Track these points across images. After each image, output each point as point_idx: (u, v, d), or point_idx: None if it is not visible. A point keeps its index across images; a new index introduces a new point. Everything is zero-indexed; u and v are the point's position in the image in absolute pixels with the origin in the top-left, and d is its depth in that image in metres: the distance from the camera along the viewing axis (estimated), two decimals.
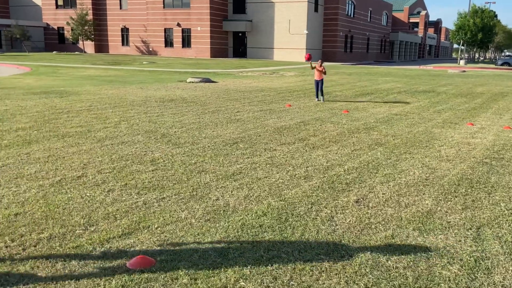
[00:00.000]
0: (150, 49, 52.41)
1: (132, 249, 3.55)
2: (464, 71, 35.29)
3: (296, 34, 47.52)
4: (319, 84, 13.50)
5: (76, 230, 3.88)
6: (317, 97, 13.63)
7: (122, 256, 3.42)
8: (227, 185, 5.21)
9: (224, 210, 4.42)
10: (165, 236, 3.80)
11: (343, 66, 39.01)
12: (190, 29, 49.27)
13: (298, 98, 14.30)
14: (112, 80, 19.06)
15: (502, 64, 49.35)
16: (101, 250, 3.51)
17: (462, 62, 53.57)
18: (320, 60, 13.88)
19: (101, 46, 55.79)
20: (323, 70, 13.50)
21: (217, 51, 49.55)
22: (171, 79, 20.34)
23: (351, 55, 56.24)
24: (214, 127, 8.79)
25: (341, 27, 52.01)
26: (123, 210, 4.36)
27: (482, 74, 31.79)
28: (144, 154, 6.51)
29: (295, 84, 19.75)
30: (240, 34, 50.60)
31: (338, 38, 51.64)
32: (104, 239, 3.71)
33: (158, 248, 3.57)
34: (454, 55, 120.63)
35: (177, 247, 3.59)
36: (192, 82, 19.01)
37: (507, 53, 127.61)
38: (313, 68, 13.65)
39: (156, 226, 3.99)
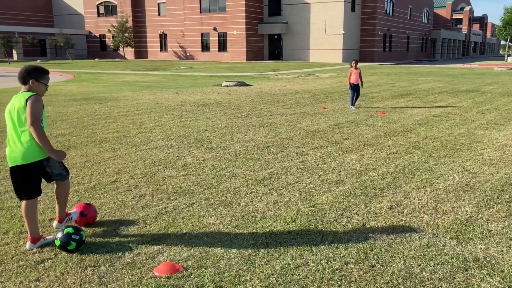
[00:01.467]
0: (188, 54, 53.38)
1: (160, 255, 3.57)
2: (511, 69, 33.68)
3: (332, 35, 47.00)
4: (355, 89, 12.00)
5: (106, 235, 3.96)
6: (352, 103, 12.06)
7: (149, 263, 3.45)
8: (256, 190, 5.18)
9: (252, 216, 4.39)
10: (193, 242, 3.81)
11: (381, 66, 38.19)
12: (226, 33, 49.80)
13: (333, 100, 14.09)
14: (149, 85, 19.51)
15: None
16: (130, 255, 3.56)
17: (510, 59, 51.16)
18: (354, 61, 12.16)
19: (141, 52, 57.37)
20: (359, 73, 11.95)
21: (253, 54, 49.79)
22: (206, 83, 20.59)
23: (390, 55, 54.99)
24: (246, 131, 8.79)
25: (380, 26, 50.97)
26: (153, 215, 4.41)
27: None
28: (177, 159, 6.59)
29: (330, 86, 19.51)
30: (275, 37, 50.64)
31: (376, 38, 50.62)
32: (134, 244, 3.76)
33: (186, 254, 3.58)
34: (501, 52, 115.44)
35: (204, 254, 3.59)
36: (227, 86, 19.16)
37: None
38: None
39: (184, 232, 4.01)
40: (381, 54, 52.25)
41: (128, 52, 56.93)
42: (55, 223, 4.00)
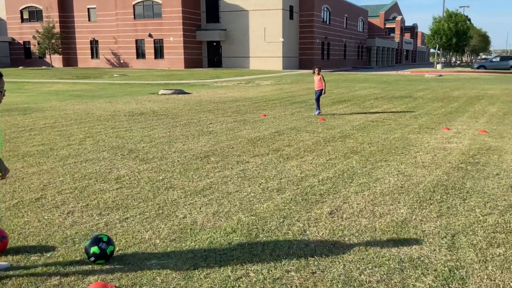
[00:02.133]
0: (121, 61, 51.99)
1: (90, 275, 3.40)
2: (440, 75, 36.12)
3: (271, 42, 47.90)
4: (318, 94, 12.36)
5: (31, 256, 3.71)
6: (318, 108, 12.43)
7: (79, 284, 3.28)
8: (195, 201, 5.11)
9: (191, 229, 4.32)
10: (127, 259, 3.67)
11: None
12: (162, 39, 49.15)
13: (273, 107, 14.31)
14: (79, 94, 18.74)
15: (478, 68, 50.69)
16: (57, 277, 3.36)
17: (438, 66, 54.87)
18: (316, 68, 12.48)
19: (70, 60, 55.08)
20: (321, 79, 12.29)
21: (191, 62, 49.51)
22: (142, 92, 20.14)
23: (328, 62, 56.97)
24: (185, 141, 8.68)
25: (317, 34, 52.71)
26: (83, 233, 4.20)
27: (459, 78, 32.59)
28: (109, 172, 6.35)
29: (271, 93, 19.82)
30: (214, 44, 50.73)
31: (315, 46, 52.28)
32: (61, 265, 3.55)
33: (119, 273, 3.44)
34: (431, 60, 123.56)
35: (138, 271, 3.46)
36: (164, 94, 18.86)
37: (483, 56, 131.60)
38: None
39: (117, 249, 3.85)
40: (319, 62, 53.97)
41: (56, 60, 54.41)
42: None
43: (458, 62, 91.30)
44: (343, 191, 5.50)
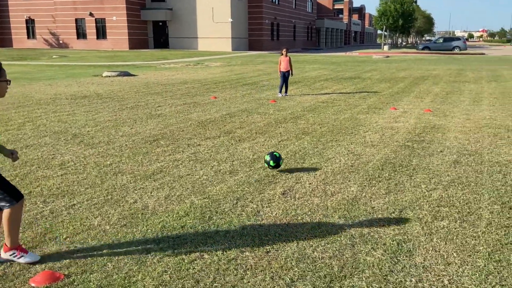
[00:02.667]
0: (61, 41, 49.61)
1: (36, 264, 3.30)
2: (388, 57, 37.34)
3: (220, 23, 47.36)
4: (285, 76, 12.54)
5: None
6: (280, 91, 12.65)
7: (24, 273, 3.17)
8: (146, 185, 5.04)
9: (142, 213, 4.27)
10: (76, 247, 3.58)
11: (270, 55, 39.57)
12: (104, 19, 47.29)
13: (224, 89, 14.25)
14: (16, 77, 17.75)
15: (423, 49, 52.83)
16: (1, 268, 3.23)
17: (386, 47, 56.63)
18: (284, 49, 12.71)
19: (3, 40, 51.85)
20: (289, 60, 12.48)
21: (137, 42, 48.06)
22: (84, 74, 19.38)
23: (278, 43, 57.19)
24: (132, 124, 8.48)
25: (266, 15, 52.66)
26: (27, 221, 4.04)
27: (405, 59, 33.82)
28: (52, 158, 6.11)
29: (220, 75, 19.69)
30: (160, 24, 49.45)
31: (264, 26, 52.24)
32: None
33: (67, 260, 3.35)
34: (378, 41, 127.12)
35: (88, 258, 3.39)
36: (109, 76, 18.26)
37: (427, 38, 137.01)
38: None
39: (64, 237, 3.74)
40: (269, 43, 54.09)
41: None
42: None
43: (404, 43, 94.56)
44: (295, 171, 5.62)
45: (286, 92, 12.83)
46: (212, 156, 6.29)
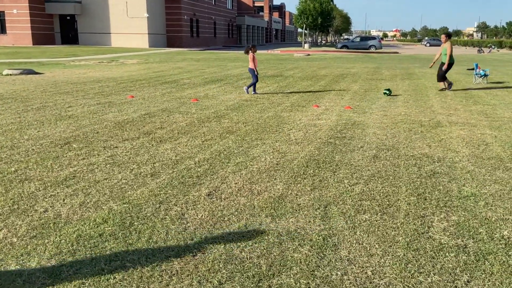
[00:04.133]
0: None
1: None
2: (308, 55, 38.65)
3: (135, 18, 46.10)
4: (254, 73, 12.77)
5: None
6: (248, 87, 12.95)
7: None
8: (58, 193, 4.78)
9: (54, 223, 4.04)
10: None
11: (190, 52, 39.24)
12: (3, 12, 44.04)
13: (141, 88, 13.90)
14: None
15: (341, 47, 55.39)
16: None
17: (306, 46, 58.58)
18: (252, 47, 12.94)
19: None
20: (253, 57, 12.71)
21: (41, 38, 45.30)
22: None
23: (198, 40, 56.90)
24: (39, 127, 7.99)
25: (185, 11, 52.16)
26: None
27: (325, 57, 35.23)
28: None
29: (137, 72, 19.17)
30: (68, 18, 47.05)
31: (183, 22, 51.70)
32: None
33: None
34: (299, 39, 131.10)
35: None
36: (10, 74, 17.04)
37: (346, 37, 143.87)
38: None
39: None
40: (189, 40, 53.63)
41: None
42: None
43: (323, 42, 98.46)
44: (220, 171, 5.63)
45: (254, 89, 13.06)
46: (131, 159, 6.11)
